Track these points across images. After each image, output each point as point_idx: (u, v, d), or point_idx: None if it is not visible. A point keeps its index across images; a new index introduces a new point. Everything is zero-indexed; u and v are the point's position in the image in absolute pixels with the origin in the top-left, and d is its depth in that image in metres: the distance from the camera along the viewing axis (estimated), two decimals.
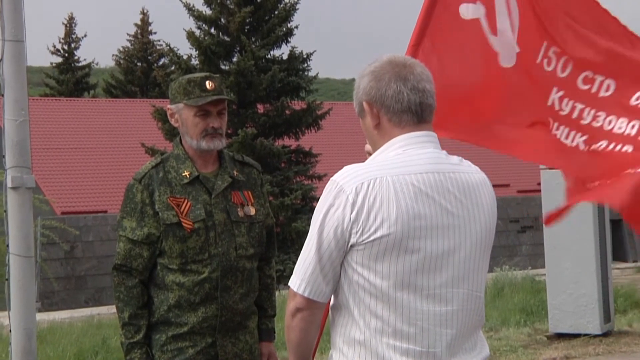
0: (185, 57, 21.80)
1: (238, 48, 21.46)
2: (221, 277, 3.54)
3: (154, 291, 3.59)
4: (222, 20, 21.75)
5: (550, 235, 9.14)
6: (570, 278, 8.98)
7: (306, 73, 21.96)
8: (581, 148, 3.22)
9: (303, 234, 19.80)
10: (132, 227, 3.56)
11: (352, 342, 2.44)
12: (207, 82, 3.59)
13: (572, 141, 3.26)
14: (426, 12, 3.51)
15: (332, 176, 2.48)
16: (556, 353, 8.39)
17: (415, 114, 2.49)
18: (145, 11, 46.12)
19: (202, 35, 21.77)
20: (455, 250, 2.44)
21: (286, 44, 21.98)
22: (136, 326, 3.55)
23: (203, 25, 21.94)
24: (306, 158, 21.52)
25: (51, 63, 46.23)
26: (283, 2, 21.94)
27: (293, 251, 19.85)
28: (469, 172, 2.53)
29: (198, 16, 21.82)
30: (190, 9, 21.81)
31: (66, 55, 45.82)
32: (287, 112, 21.14)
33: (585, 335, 8.89)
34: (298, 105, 21.68)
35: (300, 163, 21.44)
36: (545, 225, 3.18)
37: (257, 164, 3.85)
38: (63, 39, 45.98)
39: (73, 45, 46.08)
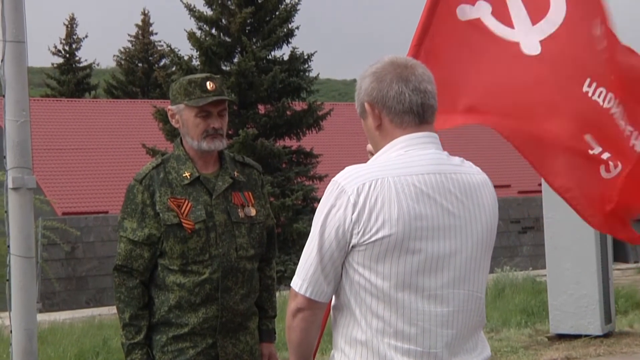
0: (186, 58, 21.79)
1: (239, 49, 21.46)
2: (222, 278, 3.55)
3: (155, 292, 3.59)
4: (223, 21, 21.74)
5: (551, 236, 9.14)
6: (571, 279, 8.97)
7: (307, 74, 21.95)
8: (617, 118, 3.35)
9: (304, 235, 19.79)
10: (133, 228, 3.56)
11: (354, 342, 2.44)
12: (208, 83, 3.59)
13: (608, 103, 3.37)
14: (428, 12, 3.51)
15: (334, 177, 2.48)
16: (557, 354, 8.38)
17: (417, 115, 2.50)
18: (146, 12, 46.16)
19: (203, 36, 21.76)
20: (456, 251, 2.44)
21: (287, 45, 21.99)
22: (137, 327, 3.55)
23: (204, 26, 21.94)
24: (307, 159, 21.51)
25: (52, 64, 46.27)
26: (284, 3, 21.94)
27: (294, 252, 19.84)
28: (471, 173, 2.53)
29: (199, 17, 21.82)
30: (191, 10, 21.81)
31: (67, 55, 45.85)
32: (288, 113, 21.14)
33: (586, 336, 8.89)
34: (299, 106, 21.67)
35: (301, 164, 21.43)
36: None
37: (258, 165, 3.85)
38: (64, 40, 46.00)
39: (74, 45, 46.11)
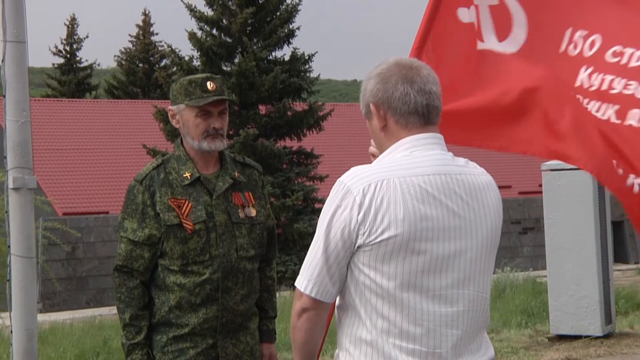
0: (186, 58, 21.79)
1: (240, 49, 21.47)
2: (222, 279, 3.55)
3: (155, 292, 3.59)
4: (224, 21, 21.75)
5: (551, 236, 9.13)
6: (571, 280, 8.97)
7: (308, 74, 21.96)
8: (612, 121, 3.22)
9: (304, 235, 19.79)
10: (133, 228, 3.56)
11: (359, 342, 2.44)
12: (208, 83, 3.59)
13: (604, 114, 3.24)
14: (429, 15, 3.50)
15: (335, 177, 2.48)
16: (557, 355, 8.38)
17: (422, 116, 2.51)
18: (147, 12, 46.20)
19: (204, 36, 21.77)
20: (461, 251, 2.45)
21: (288, 45, 22.00)
22: (137, 327, 3.55)
23: (205, 26, 21.94)
24: (308, 159, 21.51)
25: (53, 64, 46.31)
26: (285, 3, 21.94)
27: (294, 252, 19.85)
28: (475, 174, 2.54)
29: (200, 17, 21.83)
30: (192, 10, 21.81)
31: (68, 56, 45.88)
32: (289, 113, 21.14)
33: (586, 336, 8.88)
34: (300, 106, 21.67)
35: (301, 164, 21.44)
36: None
37: (258, 165, 3.85)
38: (65, 40, 46.04)
39: (75, 46, 46.14)
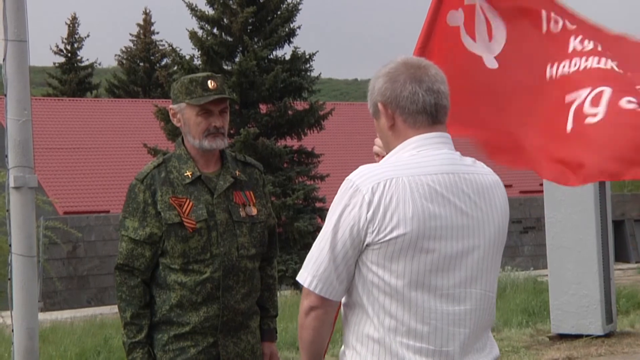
0: (187, 57, 21.79)
1: (240, 48, 21.46)
2: (223, 277, 3.55)
3: (156, 291, 3.59)
4: (225, 20, 21.74)
5: (552, 236, 9.14)
6: (572, 279, 8.97)
7: (309, 73, 21.94)
8: (617, 70, 3.27)
9: (305, 234, 19.80)
10: (135, 227, 3.56)
11: (366, 340, 2.44)
12: (209, 82, 3.59)
13: (605, 64, 3.30)
14: (432, 14, 3.50)
15: (339, 176, 2.49)
16: (558, 354, 8.38)
17: (430, 115, 2.51)
18: (147, 11, 46.22)
19: (205, 35, 21.76)
20: (469, 250, 2.45)
21: (289, 44, 21.99)
22: (138, 326, 3.55)
23: (206, 25, 21.93)
24: (308, 158, 21.51)
25: (54, 63, 46.33)
26: (286, 3, 21.93)
27: (295, 251, 19.85)
28: (483, 174, 2.55)
29: (201, 16, 21.82)
30: (192, 9, 21.81)
31: (69, 55, 45.89)
32: (290, 113, 21.14)
33: (587, 336, 8.89)
34: (300, 105, 21.67)
35: (302, 163, 21.43)
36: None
37: (259, 164, 3.85)
38: (66, 39, 46.05)
39: (76, 45, 46.15)
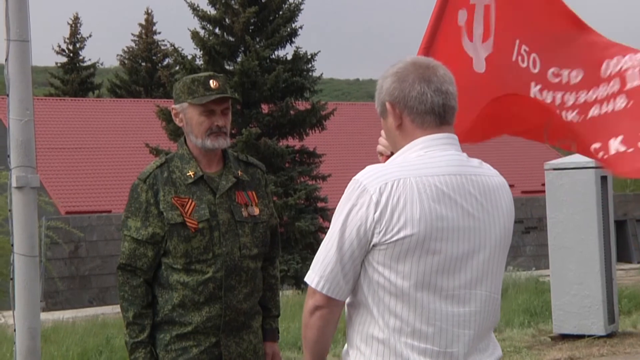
0: (189, 57, 21.78)
1: (242, 48, 21.45)
2: (225, 277, 3.55)
3: (158, 291, 3.59)
4: (227, 20, 21.74)
5: (554, 236, 9.13)
6: (574, 279, 8.97)
7: (310, 73, 21.93)
8: (576, 120, 3.29)
9: (306, 234, 19.80)
10: (137, 227, 3.56)
11: (370, 340, 2.44)
12: (211, 81, 3.60)
13: (566, 118, 3.32)
14: (437, 14, 3.49)
15: (341, 176, 2.49)
16: (560, 354, 8.38)
17: (437, 116, 2.51)
18: (149, 11, 46.26)
19: (207, 35, 21.76)
20: (475, 252, 2.45)
21: (290, 44, 21.97)
22: (140, 325, 3.55)
23: (207, 25, 21.93)
24: (310, 158, 21.50)
25: (56, 63, 46.38)
26: (287, 3, 21.92)
27: (297, 251, 19.85)
28: (489, 175, 2.55)
29: (202, 16, 21.82)
30: (194, 9, 21.80)
31: (71, 55, 45.92)
32: (292, 112, 21.13)
33: (589, 336, 8.89)
34: (302, 105, 21.66)
35: (304, 163, 21.42)
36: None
37: (262, 164, 3.85)
38: (68, 39, 46.08)
39: (78, 45, 46.18)
